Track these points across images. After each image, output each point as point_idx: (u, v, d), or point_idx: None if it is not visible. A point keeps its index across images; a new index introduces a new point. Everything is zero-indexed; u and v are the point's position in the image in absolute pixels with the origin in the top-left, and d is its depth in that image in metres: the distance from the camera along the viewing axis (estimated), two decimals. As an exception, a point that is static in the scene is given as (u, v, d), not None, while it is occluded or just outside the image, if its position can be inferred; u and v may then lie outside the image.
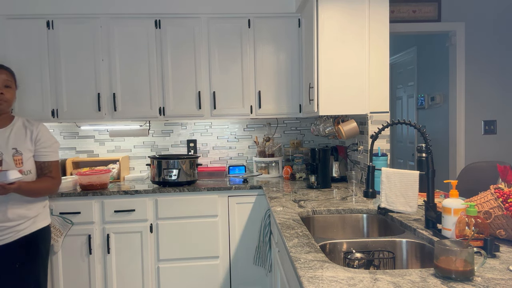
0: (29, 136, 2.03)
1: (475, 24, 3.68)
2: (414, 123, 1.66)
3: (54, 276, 2.86)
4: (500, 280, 1.11)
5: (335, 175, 3.08)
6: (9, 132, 2.00)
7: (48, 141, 2.09)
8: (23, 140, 2.01)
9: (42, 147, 2.06)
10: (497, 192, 1.41)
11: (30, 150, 2.02)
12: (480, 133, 3.74)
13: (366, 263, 1.54)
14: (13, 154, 1.95)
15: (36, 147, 2.04)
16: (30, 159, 2.02)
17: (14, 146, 1.97)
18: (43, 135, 2.07)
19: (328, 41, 2.65)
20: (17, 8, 3.04)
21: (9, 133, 1.99)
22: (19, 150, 1.98)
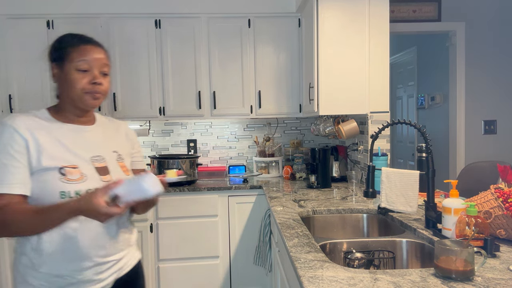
0: (123, 135, 1.49)
1: (475, 24, 3.67)
2: (414, 123, 1.66)
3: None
4: (500, 280, 1.11)
5: (335, 175, 3.08)
6: (100, 130, 1.41)
7: (138, 144, 1.58)
8: (120, 140, 1.46)
9: (137, 151, 1.54)
10: (497, 192, 1.41)
11: (128, 155, 1.47)
12: (480, 133, 3.74)
13: (366, 263, 1.54)
14: (116, 158, 1.38)
15: (133, 152, 1.52)
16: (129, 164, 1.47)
17: (114, 148, 1.40)
18: (134, 136, 1.56)
19: (328, 41, 2.65)
20: (17, 8, 3.04)
21: (101, 131, 1.41)
22: (120, 154, 1.41)
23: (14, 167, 1.16)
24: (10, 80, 3.05)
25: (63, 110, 1.33)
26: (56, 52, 1.31)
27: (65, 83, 1.28)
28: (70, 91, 1.27)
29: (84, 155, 1.29)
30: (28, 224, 1.13)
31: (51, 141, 1.23)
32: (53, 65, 1.32)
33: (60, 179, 1.20)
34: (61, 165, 1.21)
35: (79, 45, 1.30)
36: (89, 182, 1.24)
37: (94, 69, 1.29)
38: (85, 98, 1.28)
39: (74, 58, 1.27)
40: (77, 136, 1.31)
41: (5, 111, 3.05)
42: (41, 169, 1.19)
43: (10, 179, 1.16)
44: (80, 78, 1.27)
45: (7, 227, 1.15)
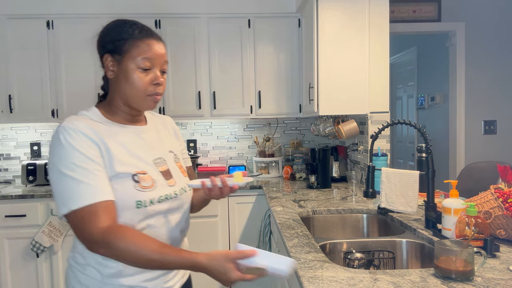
0: (172, 132, 1.36)
1: (475, 24, 3.67)
2: (414, 123, 1.66)
3: (54, 276, 2.86)
4: (500, 280, 1.11)
5: (335, 175, 3.08)
6: (154, 129, 1.28)
7: (182, 138, 1.46)
8: (171, 138, 1.34)
9: (184, 148, 1.42)
10: (497, 192, 1.41)
11: (180, 153, 1.36)
12: (480, 133, 3.74)
13: (366, 263, 1.54)
14: (174, 159, 1.27)
15: (181, 148, 1.39)
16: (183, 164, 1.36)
17: (169, 148, 1.28)
18: (178, 130, 1.42)
19: (328, 41, 2.65)
20: (17, 8, 3.04)
21: (155, 130, 1.28)
22: (176, 154, 1.30)
23: (99, 170, 1.03)
24: (10, 80, 3.05)
25: (117, 109, 1.18)
26: (112, 43, 1.13)
27: (124, 82, 1.13)
28: (129, 92, 1.13)
29: (148, 158, 1.16)
30: (143, 258, 0.99)
31: (117, 145, 1.11)
32: (107, 57, 1.14)
33: (135, 187, 1.08)
34: (134, 172, 1.09)
35: (142, 39, 1.13)
36: (159, 189, 1.13)
37: (156, 68, 1.15)
38: (146, 101, 1.15)
39: (137, 55, 1.11)
40: (137, 138, 1.19)
41: (5, 111, 3.06)
42: (114, 176, 1.06)
43: (100, 184, 1.02)
44: (142, 78, 1.12)
45: (119, 251, 0.98)
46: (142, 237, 1.01)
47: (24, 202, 2.83)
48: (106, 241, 0.98)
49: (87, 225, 0.98)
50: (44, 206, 2.85)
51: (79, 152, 1.02)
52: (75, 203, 0.99)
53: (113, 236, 0.98)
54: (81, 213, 0.99)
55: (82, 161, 1.01)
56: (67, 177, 1.00)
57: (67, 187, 1.00)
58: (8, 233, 2.83)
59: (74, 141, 1.03)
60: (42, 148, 3.45)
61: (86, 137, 1.05)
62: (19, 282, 2.86)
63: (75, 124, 1.06)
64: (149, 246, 0.99)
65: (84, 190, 0.99)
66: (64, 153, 1.02)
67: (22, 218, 2.82)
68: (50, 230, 2.79)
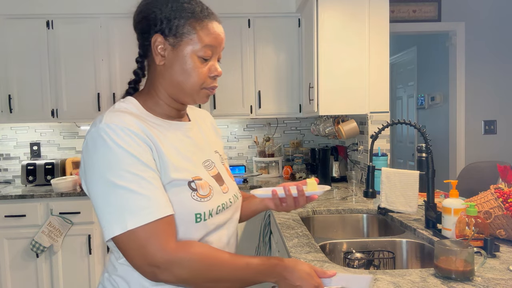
0: (212, 129, 1.17)
1: (475, 24, 3.67)
2: (414, 123, 1.66)
3: (54, 276, 2.86)
4: (500, 280, 1.11)
5: (335, 175, 3.07)
6: (197, 125, 1.08)
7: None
8: (214, 137, 1.15)
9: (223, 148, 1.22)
10: (497, 192, 1.41)
11: (223, 152, 1.17)
12: (480, 133, 3.74)
13: (366, 263, 1.53)
14: (221, 160, 1.10)
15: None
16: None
17: (214, 148, 1.10)
18: (217, 127, 1.23)
19: (328, 41, 2.64)
20: (16, 8, 3.04)
21: (197, 127, 1.09)
22: (221, 155, 1.13)
23: (155, 179, 0.84)
24: (9, 80, 3.05)
25: (160, 101, 0.98)
26: (168, 21, 0.92)
27: (179, 72, 0.92)
28: (183, 84, 0.93)
29: (197, 161, 0.97)
30: (223, 274, 0.84)
31: (168, 146, 0.91)
32: (157, 37, 0.93)
33: (192, 196, 0.89)
34: (190, 178, 0.90)
35: (205, 20, 0.94)
36: (216, 198, 0.94)
37: (214, 56, 0.96)
38: (200, 95, 0.96)
39: (198, 40, 0.91)
40: (184, 137, 0.99)
41: (5, 111, 3.06)
42: (168, 184, 0.87)
43: (159, 196, 0.83)
44: (201, 69, 0.93)
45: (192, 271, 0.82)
46: (213, 250, 0.87)
47: (23, 202, 2.83)
48: (176, 262, 0.80)
49: (150, 247, 0.78)
50: (43, 206, 2.85)
51: (132, 156, 0.81)
52: (133, 221, 0.78)
53: (182, 254, 0.81)
54: (141, 233, 0.78)
55: (137, 168, 0.81)
56: (120, 189, 0.79)
57: (120, 201, 0.79)
58: (8, 233, 2.83)
59: (124, 142, 0.81)
60: (42, 148, 3.45)
61: (138, 137, 0.84)
62: (19, 282, 2.85)
63: (122, 120, 0.84)
64: (226, 257, 0.86)
65: (143, 204, 0.79)
66: (113, 157, 0.80)
67: (22, 218, 2.82)
68: (50, 230, 2.79)
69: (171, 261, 0.80)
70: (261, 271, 0.87)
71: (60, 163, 3.20)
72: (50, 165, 3.15)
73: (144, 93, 0.99)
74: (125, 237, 0.79)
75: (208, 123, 1.15)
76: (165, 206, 0.82)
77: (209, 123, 1.16)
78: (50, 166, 3.15)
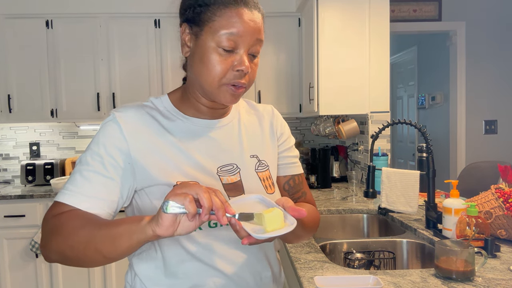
0: (267, 129, 1.03)
1: (475, 24, 3.67)
2: (415, 123, 1.65)
3: (54, 276, 2.85)
4: (500, 280, 1.10)
5: (335, 175, 3.07)
6: (236, 122, 0.98)
7: (291, 138, 1.07)
8: (263, 138, 1.01)
9: (288, 149, 1.05)
10: (498, 192, 1.40)
11: (275, 158, 1.01)
12: (481, 133, 3.73)
13: (367, 263, 1.53)
14: (256, 167, 0.95)
15: (280, 150, 1.03)
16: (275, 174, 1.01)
17: (253, 151, 0.97)
18: (285, 127, 1.07)
19: (329, 40, 2.64)
20: (16, 7, 3.04)
21: (237, 124, 0.98)
22: (262, 160, 0.97)
23: (97, 173, 0.82)
24: (9, 80, 3.04)
25: (190, 96, 0.92)
26: (192, 8, 0.84)
27: (199, 63, 0.84)
28: (203, 77, 0.85)
29: (210, 165, 0.89)
30: (83, 236, 0.76)
31: (167, 147, 0.86)
32: (184, 27, 0.87)
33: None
34: (176, 182, 0.84)
35: (228, 6, 0.82)
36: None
37: (241, 48, 0.83)
38: (221, 92, 0.85)
39: (219, 29, 0.81)
40: (204, 136, 0.91)
41: (4, 111, 3.05)
42: (149, 186, 0.84)
43: (85, 187, 0.82)
44: (221, 62, 0.82)
45: (54, 236, 0.78)
46: (81, 213, 0.80)
47: (23, 202, 2.82)
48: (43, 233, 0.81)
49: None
50: (43, 206, 2.84)
51: (99, 146, 0.84)
52: (56, 195, 0.83)
53: (44, 226, 0.81)
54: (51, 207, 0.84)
55: (93, 157, 0.84)
56: (77, 166, 0.85)
57: (70, 178, 0.85)
58: (7, 233, 2.82)
59: (104, 131, 0.86)
60: (41, 148, 3.45)
61: (119, 132, 0.84)
62: (18, 282, 2.85)
63: (120, 113, 0.87)
64: (91, 218, 0.79)
65: (70, 187, 0.83)
66: (92, 140, 0.87)
67: (21, 218, 2.81)
68: (49, 230, 2.78)
69: (44, 232, 0.80)
70: (124, 222, 0.74)
71: (60, 163, 3.20)
72: (49, 165, 3.15)
73: (179, 90, 0.95)
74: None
75: (267, 123, 1.02)
76: (73, 196, 0.81)
77: (268, 123, 1.02)
78: (50, 166, 3.15)
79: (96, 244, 0.74)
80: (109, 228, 0.74)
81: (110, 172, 0.83)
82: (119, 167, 0.83)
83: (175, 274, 0.85)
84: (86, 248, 0.75)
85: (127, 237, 0.72)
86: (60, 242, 0.77)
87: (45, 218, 0.82)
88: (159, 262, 0.86)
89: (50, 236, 0.79)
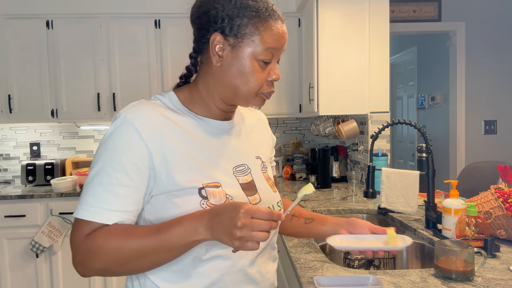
0: (264, 133, 1.09)
1: (475, 24, 3.67)
2: (414, 123, 1.65)
3: (54, 276, 2.85)
4: (500, 280, 1.10)
5: (335, 175, 3.07)
6: (243, 127, 1.02)
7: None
8: (263, 140, 1.07)
9: (273, 154, 1.14)
10: (497, 192, 1.40)
11: (268, 161, 1.07)
12: (480, 133, 3.73)
13: (366, 263, 1.53)
14: (261, 167, 0.99)
15: (272, 155, 1.12)
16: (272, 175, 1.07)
17: (257, 153, 1.01)
18: (272, 133, 1.15)
19: (328, 40, 2.64)
20: (16, 7, 3.04)
21: (243, 127, 1.02)
22: (264, 161, 1.02)
23: (122, 185, 0.79)
24: (9, 80, 3.05)
25: (203, 100, 0.91)
26: (230, 20, 0.84)
27: (236, 75, 0.86)
28: (239, 88, 0.86)
29: (226, 165, 0.90)
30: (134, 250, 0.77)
31: (186, 147, 0.85)
32: (215, 36, 0.86)
33: (202, 204, 0.83)
34: (202, 184, 0.84)
35: (269, 21, 0.85)
36: None
37: (275, 59, 0.89)
38: (254, 100, 0.90)
39: (261, 43, 0.84)
40: (219, 136, 0.92)
41: (4, 111, 3.05)
42: (173, 190, 0.82)
43: (112, 201, 0.79)
44: (260, 74, 0.86)
45: (96, 257, 0.77)
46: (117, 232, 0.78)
47: (23, 202, 2.83)
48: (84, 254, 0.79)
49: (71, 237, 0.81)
50: (43, 206, 2.84)
51: (117, 154, 0.80)
52: (77, 212, 0.80)
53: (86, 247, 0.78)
54: (76, 223, 0.81)
55: (113, 167, 0.80)
56: (94, 178, 0.81)
57: (87, 190, 0.81)
58: (7, 233, 2.82)
59: (120, 138, 0.80)
60: (42, 148, 3.45)
61: (137, 137, 0.80)
62: (18, 283, 2.85)
63: (133, 115, 0.82)
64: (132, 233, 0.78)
65: (91, 201, 0.80)
66: (104, 149, 0.81)
67: (22, 218, 2.82)
68: (49, 230, 2.78)
69: (81, 254, 0.79)
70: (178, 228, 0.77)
71: (60, 163, 3.20)
72: (50, 165, 3.15)
73: (187, 89, 0.93)
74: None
75: (261, 126, 1.08)
76: (101, 213, 0.79)
77: (263, 128, 1.08)
78: (50, 166, 3.15)
79: (151, 258, 0.78)
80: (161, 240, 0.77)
81: (135, 181, 0.80)
82: (142, 174, 0.81)
83: (190, 273, 0.85)
84: (140, 262, 0.78)
85: (184, 248, 0.78)
86: (106, 261, 0.77)
87: (76, 239, 0.79)
88: (173, 262, 0.84)
89: (91, 256, 0.78)
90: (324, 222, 1.06)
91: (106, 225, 0.79)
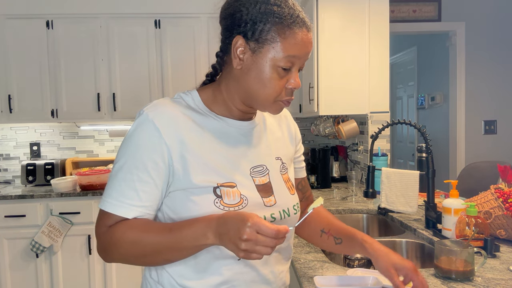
0: (287, 133, 1.07)
1: (475, 24, 3.67)
2: (414, 123, 1.65)
3: (54, 276, 2.86)
4: (500, 280, 1.10)
5: (335, 175, 3.07)
6: (263, 127, 1.00)
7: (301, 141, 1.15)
8: (284, 141, 1.05)
9: (301, 155, 1.14)
10: (497, 192, 1.41)
11: (291, 161, 1.07)
12: (480, 133, 3.73)
13: (366, 263, 1.53)
14: (280, 169, 0.98)
15: (296, 155, 1.12)
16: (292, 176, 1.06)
17: (278, 153, 1.00)
18: (299, 132, 1.13)
19: (328, 40, 2.64)
20: (16, 8, 3.04)
21: (263, 127, 1.00)
22: (284, 162, 1.01)
23: (142, 181, 0.83)
24: (9, 80, 3.05)
25: (224, 101, 0.92)
26: (252, 24, 0.84)
27: (255, 79, 0.85)
28: (257, 93, 0.87)
29: (244, 166, 0.91)
30: (148, 246, 0.82)
31: (204, 147, 0.87)
32: (238, 39, 0.86)
33: (215, 203, 0.84)
34: (217, 183, 0.85)
35: (293, 28, 0.84)
36: (250, 210, 0.86)
37: (296, 66, 0.87)
38: (272, 107, 0.89)
39: (282, 50, 0.83)
40: (238, 136, 0.92)
41: (5, 111, 3.05)
42: (189, 188, 0.85)
43: (133, 197, 0.83)
44: (278, 81, 0.85)
45: (114, 249, 0.84)
46: (135, 227, 0.83)
47: (23, 202, 2.83)
48: (107, 244, 0.85)
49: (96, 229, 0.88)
50: (43, 206, 2.84)
51: (139, 152, 0.84)
52: (101, 203, 0.86)
53: (108, 238, 0.84)
54: (100, 215, 0.87)
55: (135, 164, 0.83)
56: (118, 174, 0.85)
57: (111, 184, 0.86)
58: (7, 233, 2.82)
59: (139, 135, 0.84)
60: (42, 148, 3.45)
61: (157, 135, 0.83)
62: (18, 283, 2.85)
63: (155, 113, 0.85)
64: (149, 229, 0.83)
65: (114, 194, 0.84)
66: (127, 146, 0.85)
67: (22, 218, 2.82)
68: (49, 230, 2.78)
69: (103, 244, 0.85)
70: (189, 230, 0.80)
71: (60, 163, 3.20)
72: (50, 165, 3.15)
73: (210, 89, 0.94)
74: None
75: (286, 127, 1.06)
76: (122, 207, 0.83)
77: (286, 128, 1.06)
78: (50, 166, 3.15)
79: (164, 255, 0.83)
80: (172, 240, 0.81)
81: (155, 178, 0.84)
82: (161, 172, 0.84)
83: (205, 270, 0.87)
84: (154, 257, 0.83)
85: (194, 249, 0.82)
86: (123, 253, 0.84)
87: (100, 229, 0.86)
88: (190, 257, 0.86)
89: (110, 247, 0.84)
90: (352, 244, 1.04)
91: (126, 219, 0.84)
